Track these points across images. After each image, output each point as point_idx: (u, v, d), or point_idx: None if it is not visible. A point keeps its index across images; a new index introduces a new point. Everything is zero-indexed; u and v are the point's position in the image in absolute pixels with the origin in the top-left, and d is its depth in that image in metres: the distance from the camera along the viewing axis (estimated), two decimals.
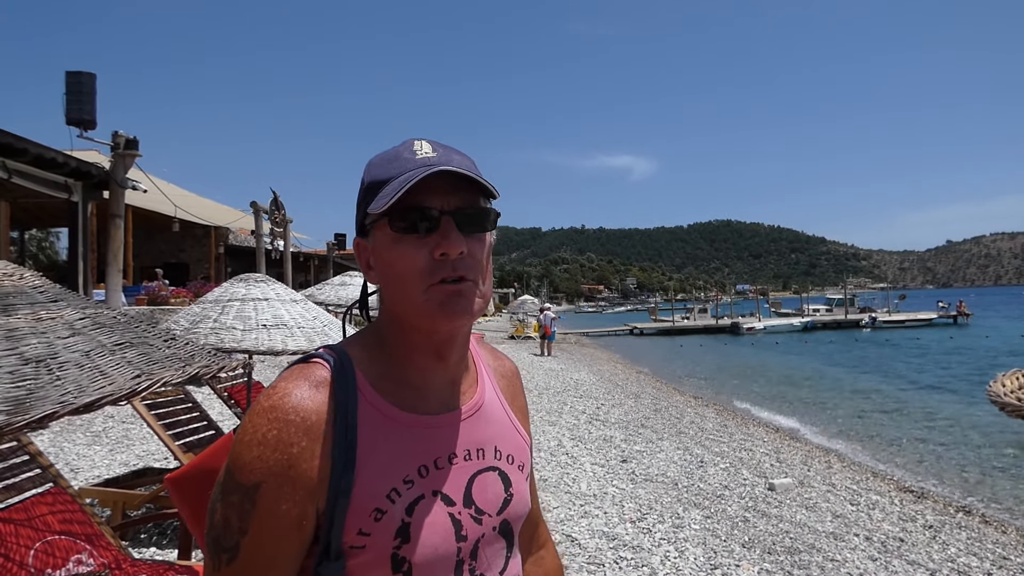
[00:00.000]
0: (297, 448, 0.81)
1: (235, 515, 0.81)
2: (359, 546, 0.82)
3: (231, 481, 0.81)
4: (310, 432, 0.82)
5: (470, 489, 0.92)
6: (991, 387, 1.69)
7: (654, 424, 11.01)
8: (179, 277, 21.03)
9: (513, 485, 0.97)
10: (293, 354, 4.79)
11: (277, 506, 0.80)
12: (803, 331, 49.30)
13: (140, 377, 1.90)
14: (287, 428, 0.81)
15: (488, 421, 0.99)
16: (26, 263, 22.49)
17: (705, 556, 4.82)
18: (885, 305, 57.97)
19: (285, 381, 0.86)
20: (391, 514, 0.84)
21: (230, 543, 0.81)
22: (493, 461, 0.97)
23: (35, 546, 2.62)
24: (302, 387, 0.85)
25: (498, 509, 0.95)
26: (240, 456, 0.81)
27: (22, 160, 10.84)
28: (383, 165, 0.90)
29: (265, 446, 0.81)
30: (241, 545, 0.81)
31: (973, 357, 27.44)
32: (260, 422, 0.82)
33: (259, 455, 0.81)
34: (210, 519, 0.83)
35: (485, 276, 0.91)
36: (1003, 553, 5.92)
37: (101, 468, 6.36)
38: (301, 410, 0.83)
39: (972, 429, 12.56)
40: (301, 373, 0.87)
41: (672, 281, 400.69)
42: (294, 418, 0.82)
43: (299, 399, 0.84)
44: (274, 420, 0.82)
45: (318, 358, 0.90)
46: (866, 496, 7.41)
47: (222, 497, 0.82)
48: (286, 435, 0.81)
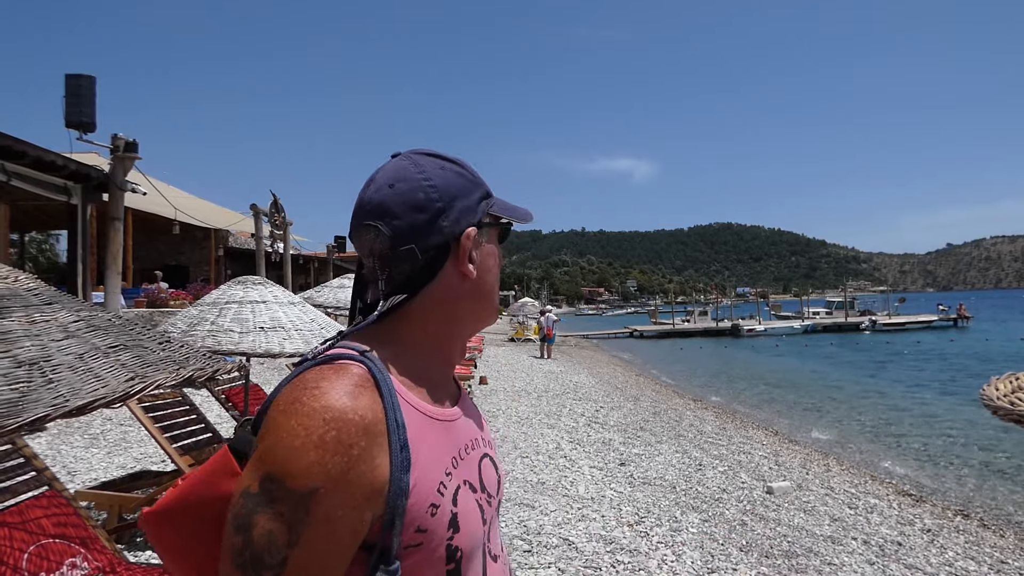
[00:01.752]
0: (357, 450, 0.77)
1: (283, 527, 0.75)
2: (415, 544, 0.82)
3: (279, 489, 0.75)
4: (368, 432, 0.79)
5: (481, 475, 0.97)
6: (984, 391, 1.68)
7: (653, 427, 11.01)
8: (179, 279, 21.02)
9: (498, 467, 1.04)
10: (290, 357, 4.80)
11: (334, 513, 0.76)
12: (803, 334, 49.31)
13: (134, 380, 1.90)
14: (346, 428, 0.77)
15: (471, 410, 1.05)
16: (26, 266, 22.51)
17: (702, 560, 4.81)
18: (885, 308, 57.97)
19: (326, 380, 0.81)
20: (443, 507, 0.84)
21: (276, 559, 0.75)
22: (484, 447, 1.02)
23: (29, 550, 2.62)
24: (348, 386, 0.81)
25: (496, 490, 1.01)
26: (292, 461, 0.76)
27: (21, 163, 10.85)
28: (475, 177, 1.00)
29: (324, 449, 0.76)
30: (289, 559, 0.75)
31: (973, 360, 27.42)
32: (313, 424, 0.77)
33: (317, 459, 0.76)
34: (243, 536, 0.76)
35: None
36: (1001, 557, 5.92)
37: (98, 471, 6.35)
38: (359, 409, 0.79)
39: (971, 432, 12.55)
40: (340, 371, 0.83)
41: (672, 284, 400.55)
42: (353, 417, 0.78)
43: (353, 399, 0.80)
44: (331, 420, 0.77)
45: (347, 358, 0.86)
46: (864, 500, 7.41)
47: (267, 507, 0.75)
48: (346, 436, 0.77)
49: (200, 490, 0.84)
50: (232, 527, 0.77)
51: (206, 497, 0.83)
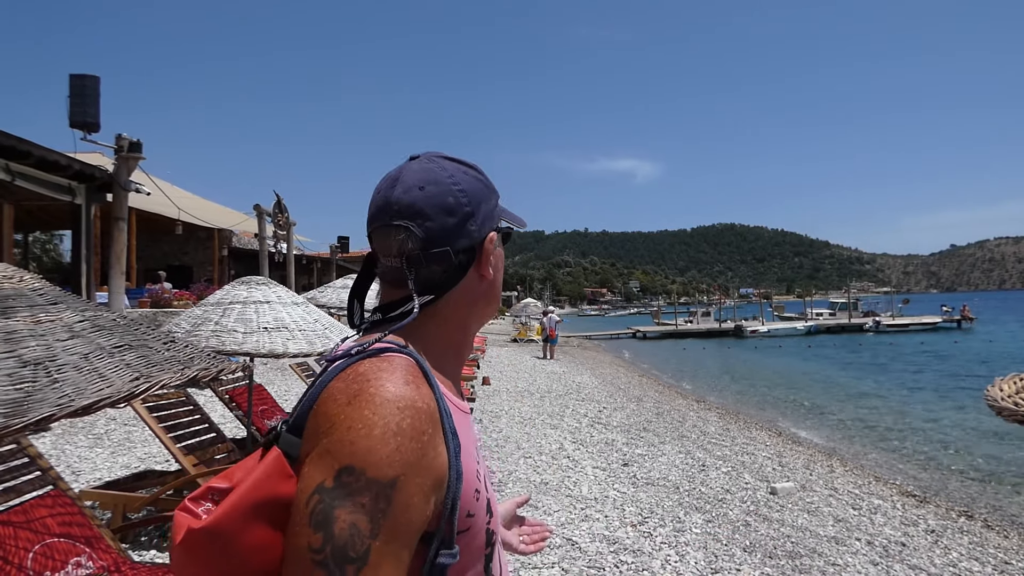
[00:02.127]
0: (427, 436, 0.80)
1: (366, 517, 0.75)
2: (465, 529, 0.84)
3: (359, 481, 0.75)
4: (432, 419, 0.81)
5: None
6: (988, 391, 1.68)
7: (656, 428, 11.00)
8: (183, 280, 21.06)
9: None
10: (294, 357, 4.80)
11: (412, 499, 0.77)
12: (806, 335, 49.24)
13: (138, 380, 1.91)
14: (418, 416, 0.80)
15: None
16: (30, 266, 22.57)
17: (706, 560, 4.81)
18: (889, 309, 57.85)
19: (386, 372, 0.83)
20: (482, 492, 0.89)
21: (360, 550, 0.74)
22: None
23: (34, 549, 2.62)
24: (408, 376, 0.83)
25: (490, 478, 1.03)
26: (374, 451, 0.76)
27: (26, 163, 10.88)
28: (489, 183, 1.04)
29: (402, 436, 0.77)
30: (372, 550, 0.74)
31: (977, 361, 27.35)
32: (388, 412, 0.78)
33: (397, 447, 0.77)
34: (323, 532, 0.74)
35: None
36: (1005, 558, 5.91)
37: (103, 470, 6.37)
38: (424, 397, 0.82)
39: (975, 433, 12.53)
40: (393, 364, 0.85)
41: (675, 284, 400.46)
42: (421, 405, 0.81)
43: (415, 388, 0.82)
44: (404, 408, 0.79)
45: (389, 351, 0.87)
46: (868, 500, 7.40)
47: (348, 500, 0.75)
48: (418, 423, 0.79)
49: (258, 497, 0.80)
50: (307, 524, 0.75)
51: (266, 503, 0.79)
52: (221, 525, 0.78)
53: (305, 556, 0.74)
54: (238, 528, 0.78)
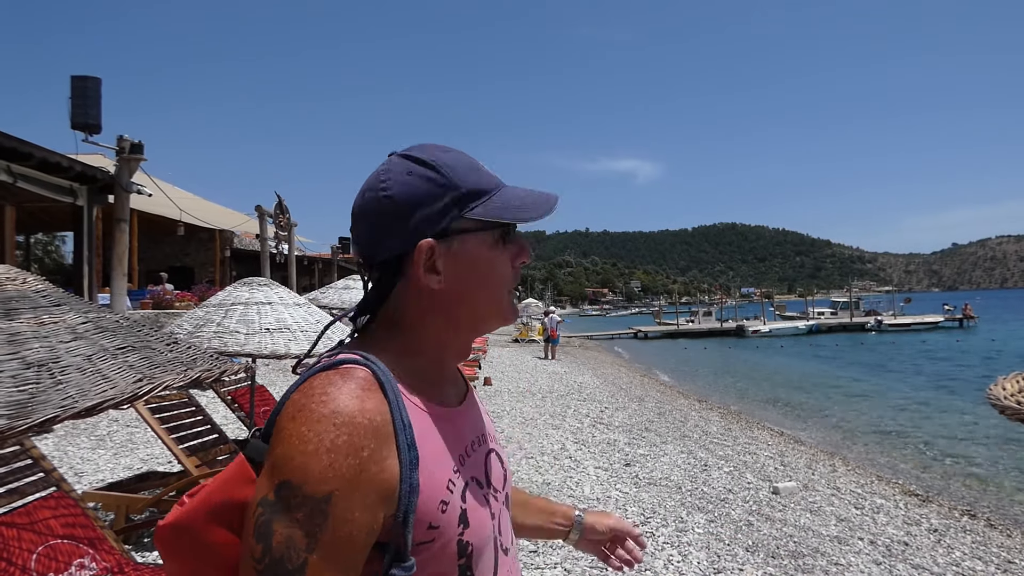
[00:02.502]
0: (367, 451, 0.79)
1: (302, 532, 0.75)
2: (427, 541, 0.83)
3: (296, 495, 0.76)
4: (377, 434, 0.80)
5: (487, 470, 0.99)
6: (991, 390, 1.68)
7: (658, 428, 11.00)
8: (184, 281, 21.09)
9: (505, 462, 1.06)
10: (295, 358, 4.80)
11: (350, 515, 0.77)
12: (808, 334, 49.22)
13: (142, 381, 1.91)
14: (356, 431, 0.78)
15: (476, 407, 1.07)
16: (32, 267, 22.58)
17: (708, 560, 4.80)
18: (890, 308, 57.83)
19: (332, 385, 0.82)
20: (453, 503, 0.87)
21: (296, 564, 0.75)
22: (490, 443, 1.04)
23: (38, 550, 2.63)
24: (355, 390, 0.82)
25: (503, 485, 1.03)
26: (307, 467, 0.76)
27: (27, 164, 10.90)
28: (471, 173, 0.95)
29: (336, 452, 0.77)
30: (309, 563, 0.75)
31: (979, 360, 27.33)
32: (323, 428, 0.78)
33: (330, 463, 0.76)
34: (263, 544, 0.76)
35: None
36: (1008, 557, 5.90)
37: (105, 472, 6.37)
38: (367, 412, 0.80)
39: (977, 432, 12.52)
40: (345, 376, 0.84)
41: (676, 284, 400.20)
42: (361, 420, 0.79)
43: (361, 402, 0.81)
44: (341, 425, 0.78)
45: (349, 362, 0.87)
46: (870, 500, 7.39)
47: (284, 514, 0.76)
48: (356, 439, 0.78)
49: (217, 499, 0.83)
50: (252, 535, 0.77)
51: (224, 506, 0.83)
52: (182, 522, 0.84)
53: (249, 564, 0.77)
54: (200, 527, 0.83)
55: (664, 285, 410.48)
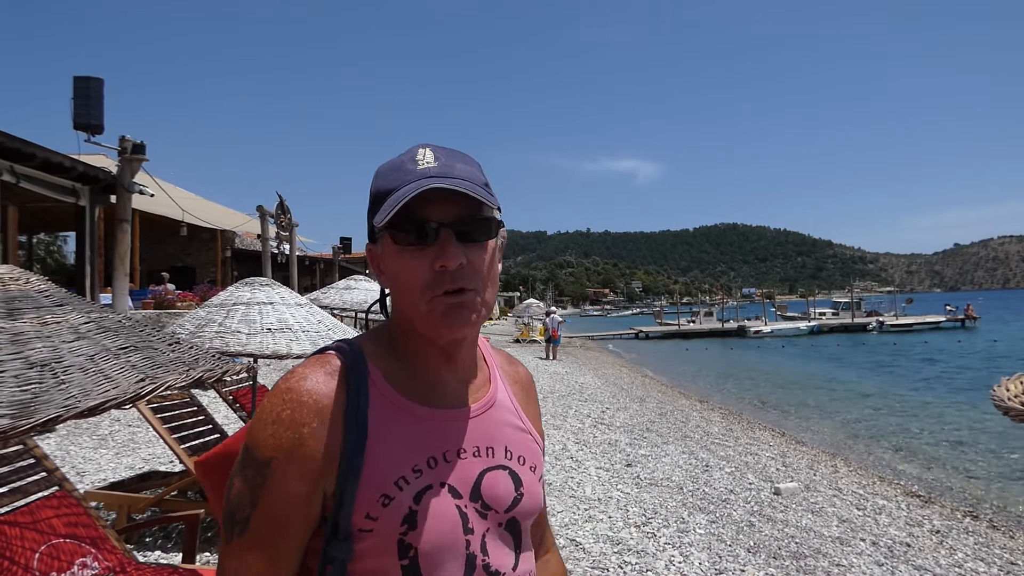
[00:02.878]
0: (308, 428, 0.85)
1: (248, 489, 0.86)
2: (367, 529, 0.85)
3: (247, 456, 0.87)
4: (321, 414, 0.86)
5: (479, 484, 0.94)
6: (995, 391, 1.68)
7: (659, 428, 10.99)
8: (186, 281, 21.10)
9: (524, 485, 0.99)
10: (297, 358, 4.81)
11: (286, 482, 0.85)
12: (809, 335, 49.16)
13: (144, 381, 1.91)
14: (300, 409, 0.86)
15: (498, 422, 1.01)
16: (34, 267, 22.60)
17: (710, 561, 4.80)
18: (892, 309, 57.72)
19: (303, 367, 0.91)
20: (398, 500, 0.87)
21: (242, 515, 0.86)
22: (503, 460, 0.98)
23: (40, 549, 2.63)
24: (317, 373, 0.90)
25: (507, 507, 0.96)
26: (256, 433, 0.87)
27: (30, 165, 10.91)
28: (387, 175, 0.92)
29: (279, 424, 0.86)
30: (252, 518, 0.85)
31: (981, 361, 27.29)
32: (276, 402, 0.88)
33: (272, 432, 0.86)
34: (227, 493, 0.88)
35: (487, 284, 0.93)
36: (1011, 559, 5.89)
37: (107, 471, 6.38)
38: (314, 393, 0.87)
39: (980, 433, 12.49)
40: (317, 362, 0.92)
41: (678, 284, 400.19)
42: (307, 399, 0.87)
43: (313, 383, 0.88)
44: (288, 401, 0.87)
45: (333, 350, 0.95)
46: (872, 501, 7.38)
47: (240, 471, 0.87)
48: (299, 415, 0.86)
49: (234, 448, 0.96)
50: (227, 483, 0.89)
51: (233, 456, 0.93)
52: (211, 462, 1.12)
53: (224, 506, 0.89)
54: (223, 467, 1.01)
55: (665, 285, 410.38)
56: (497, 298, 2.62)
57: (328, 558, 0.86)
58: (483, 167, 0.96)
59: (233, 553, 0.86)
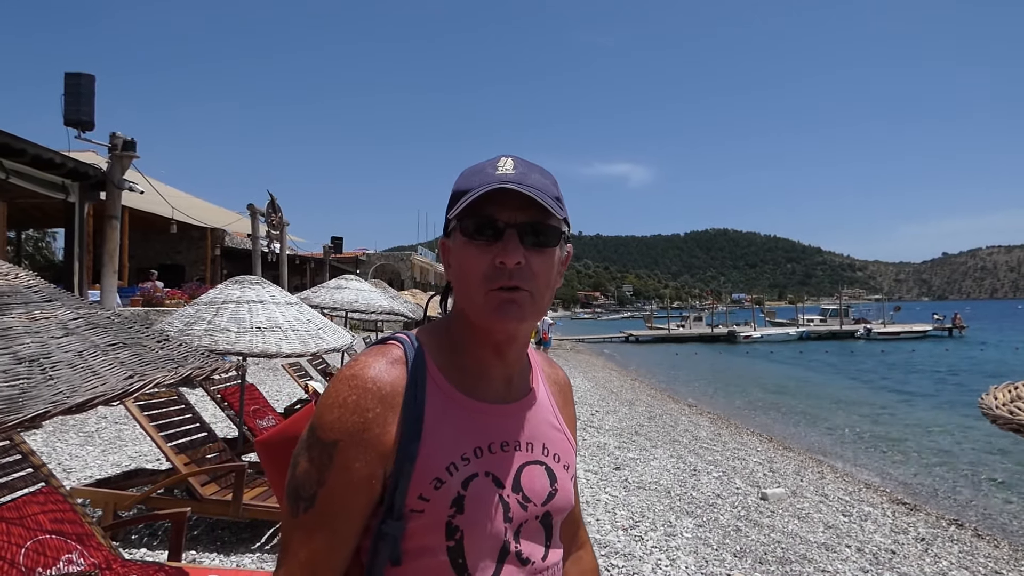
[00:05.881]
0: (372, 413, 0.91)
1: (315, 468, 0.91)
2: (419, 510, 0.91)
3: (313, 437, 0.92)
4: (384, 401, 0.93)
5: (519, 477, 1.00)
6: (983, 400, 1.69)
7: (648, 432, 11.01)
8: (175, 279, 20.98)
9: (558, 481, 1.05)
10: (287, 357, 4.79)
11: (351, 463, 0.90)
12: (798, 341, 49.35)
13: (133, 378, 1.90)
14: (365, 395, 0.92)
15: (538, 420, 1.08)
16: (22, 263, 22.43)
17: (696, 565, 4.81)
18: (880, 316, 58.05)
19: (367, 356, 0.97)
20: (449, 485, 0.92)
21: (309, 492, 0.91)
22: (541, 456, 1.05)
23: (26, 545, 2.61)
24: (380, 361, 0.96)
25: (543, 500, 1.02)
26: (322, 416, 0.92)
27: (20, 160, 10.83)
28: (469, 176, 0.99)
29: (344, 408, 0.91)
30: (318, 496, 0.91)
31: (968, 369, 27.47)
32: (342, 388, 0.93)
33: (339, 416, 0.91)
34: (292, 471, 0.94)
35: (543, 289, 0.99)
36: (995, 567, 5.93)
37: (93, 468, 6.34)
38: (378, 380, 0.94)
39: (966, 442, 12.58)
40: (380, 351, 0.98)
41: (668, 289, 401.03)
42: (371, 386, 0.93)
43: (377, 371, 0.94)
44: (354, 387, 0.93)
45: (395, 340, 1.01)
46: (858, 507, 7.42)
47: (305, 451, 0.93)
48: (363, 401, 0.92)
49: (293, 430, 1.06)
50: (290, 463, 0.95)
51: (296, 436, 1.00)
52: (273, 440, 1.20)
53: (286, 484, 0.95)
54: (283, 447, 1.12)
55: (656, 289, 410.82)
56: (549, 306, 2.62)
57: (381, 535, 0.92)
58: None
59: (299, 526, 0.92)
